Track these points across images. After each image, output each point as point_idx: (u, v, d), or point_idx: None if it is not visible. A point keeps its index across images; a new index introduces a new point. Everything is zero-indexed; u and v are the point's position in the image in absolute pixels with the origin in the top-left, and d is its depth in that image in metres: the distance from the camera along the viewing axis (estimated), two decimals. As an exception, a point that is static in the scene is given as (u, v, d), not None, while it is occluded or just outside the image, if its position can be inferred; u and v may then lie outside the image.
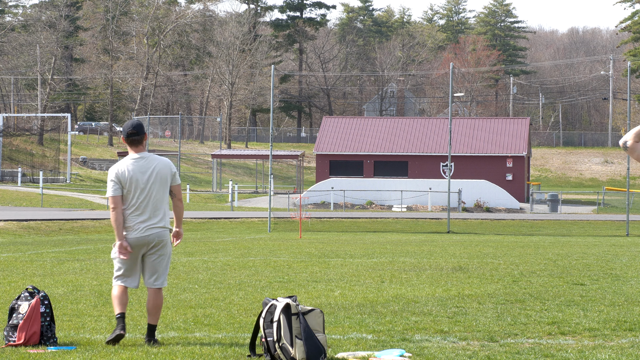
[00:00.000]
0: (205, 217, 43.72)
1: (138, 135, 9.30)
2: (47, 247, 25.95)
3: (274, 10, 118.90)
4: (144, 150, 9.38)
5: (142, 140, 9.34)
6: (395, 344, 9.34)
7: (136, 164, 9.27)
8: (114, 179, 9.22)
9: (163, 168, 9.34)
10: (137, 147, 9.33)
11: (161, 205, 9.34)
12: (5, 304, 12.12)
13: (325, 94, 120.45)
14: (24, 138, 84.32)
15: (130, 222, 9.24)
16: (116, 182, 9.22)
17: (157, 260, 9.34)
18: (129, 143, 9.33)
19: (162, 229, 9.32)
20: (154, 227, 9.27)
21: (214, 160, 71.76)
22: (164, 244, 9.34)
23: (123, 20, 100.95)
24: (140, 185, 9.22)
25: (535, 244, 29.05)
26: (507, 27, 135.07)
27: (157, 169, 9.30)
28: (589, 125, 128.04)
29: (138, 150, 9.33)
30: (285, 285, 15.00)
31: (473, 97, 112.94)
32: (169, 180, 9.38)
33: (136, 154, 9.32)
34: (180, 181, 9.59)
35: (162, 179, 9.32)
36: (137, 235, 9.22)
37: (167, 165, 9.40)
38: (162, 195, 9.34)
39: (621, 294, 13.73)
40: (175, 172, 9.49)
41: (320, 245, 27.22)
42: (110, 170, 9.31)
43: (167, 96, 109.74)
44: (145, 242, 9.25)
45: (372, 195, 56.14)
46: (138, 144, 9.33)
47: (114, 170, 9.28)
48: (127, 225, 9.24)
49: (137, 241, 9.22)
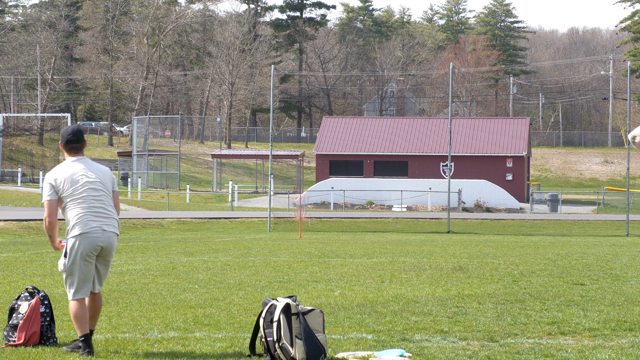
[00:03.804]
0: (205, 217, 43.71)
1: (78, 142, 8.91)
2: (47, 247, 25.95)
3: (274, 10, 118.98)
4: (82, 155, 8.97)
5: (81, 148, 8.94)
6: (395, 344, 9.34)
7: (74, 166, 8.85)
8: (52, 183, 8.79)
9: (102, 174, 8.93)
10: (76, 153, 8.92)
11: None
12: (5, 304, 12.12)
13: (325, 94, 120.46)
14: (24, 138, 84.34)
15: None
16: (52, 187, 8.77)
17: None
18: (67, 150, 8.91)
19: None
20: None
21: (214, 160, 71.76)
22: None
23: (123, 20, 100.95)
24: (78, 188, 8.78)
25: (535, 244, 29.04)
26: (507, 27, 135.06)
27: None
28: (589, 125, 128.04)
29: (77, 155, 8.92)
30: (285, 285, 15.00)
31: (473, 97, 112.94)
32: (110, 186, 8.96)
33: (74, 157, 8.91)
34: (118, 189, 9.18)
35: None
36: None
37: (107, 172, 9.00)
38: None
39: (621, 294, 13.73)
40: (114, 179, 9.10)
41: (320, 245, 27.22)
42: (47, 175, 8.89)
43: (167, 96, 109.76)
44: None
45: (372, 195, 56.13)
46: (78, 151, 8.94)
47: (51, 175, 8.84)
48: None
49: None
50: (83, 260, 8.72)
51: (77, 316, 8.74)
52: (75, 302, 8.77)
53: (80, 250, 8.70)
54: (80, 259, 8.71)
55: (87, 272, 8.76)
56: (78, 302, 8.76)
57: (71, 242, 8.71)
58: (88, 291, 8.81)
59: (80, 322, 8.73)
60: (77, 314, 8.74)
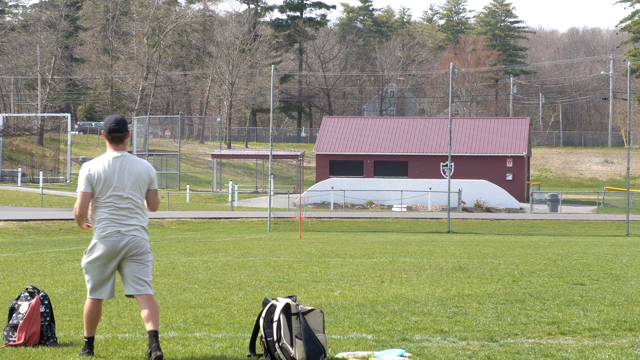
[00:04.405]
0: (205, 217, 43.71)
1: (121, 132, 8.69)
2: (47, 247, 25.95)
3: (274, 10, 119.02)
4: (124, 150, 8.79)
5: (124, 138, 8.73)
6: (395, 344, 9.34)
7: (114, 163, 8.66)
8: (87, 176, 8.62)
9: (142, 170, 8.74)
10: (117, 145, 8.72)
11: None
12: (5, 304, 12.12)
13: (325, 94, 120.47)
14: (24, 138, 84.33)
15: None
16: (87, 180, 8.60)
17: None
18: (109, 139, 8.71)
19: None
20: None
21: (214, 160, 71.76)
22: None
23: (123, 20, 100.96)
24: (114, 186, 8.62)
25: (535, 244, 29.03)
26: (507, 27, 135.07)
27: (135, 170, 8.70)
28: (589, 125, 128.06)
29: (118, 149, 8.73)
30: (285, 285, 14.99)
31: (473, 97, 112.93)
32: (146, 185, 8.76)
33: (116, 152, 8.70)
34: (157, 187, 9.00)
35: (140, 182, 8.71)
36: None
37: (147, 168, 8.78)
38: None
39: (621, 294, 13.73)
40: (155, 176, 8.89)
41: (320, 245, 27.21)
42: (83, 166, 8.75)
43: (167, 96, 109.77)
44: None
45: (372, 195, 56.13)
46: (120, 141, 8.72)
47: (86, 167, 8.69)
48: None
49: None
50: (100, 262, 8.64)
51: (86, 315, 8.72)
52: (89, 300, 8.72)
53: (98, 252, 8.62)
54: (97, 261, 8.64)
55: (103, 275, 8.65)
56: (92, 301, 8.70)
57: (92, 243, 8.69)
58: (105, 294, 8.67)
59: (88, 322, 8.68)
60: (86, 313, 8.72)
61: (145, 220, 8.76)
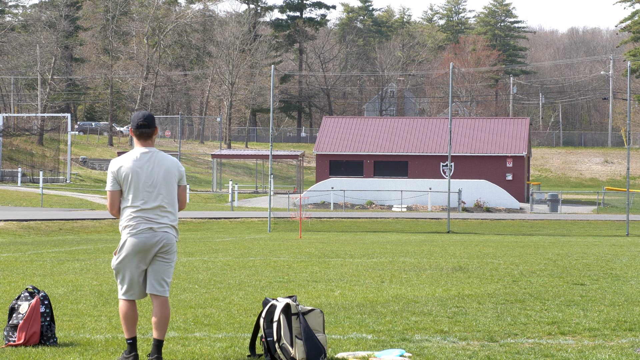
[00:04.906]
0: (205, 217, 43.71)
1: (149, 127, 8.58)
2: (47, 247, 25.95)
3: (274, 10, 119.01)
4: (152, 146, 8.67)
5: (152, 134, 8.62)
6: (395, 344, 9.34)
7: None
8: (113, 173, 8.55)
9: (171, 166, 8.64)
10: (145, 140, 8.62)
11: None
12: (5, 304, 12.12)
13: (325, 94, 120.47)
14: (24, 138, 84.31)
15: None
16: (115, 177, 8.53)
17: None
18: (137, 135, 8.60)
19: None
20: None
21: (214, 160, 71.76)
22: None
23: (123, 20, 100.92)
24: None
25: (535, 244, 29.03)
26: (507, 27, 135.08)
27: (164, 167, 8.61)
28: (589, 125, 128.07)
29: (146, 145, 8.61)
30: (285, 285, 14.99)
31: (473, 97, 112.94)
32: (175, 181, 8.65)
33: (144, 148, 8.60)
34: (186, 183, 8.90)
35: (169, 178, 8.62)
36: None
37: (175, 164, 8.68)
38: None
39: (621, 294, 13.73)
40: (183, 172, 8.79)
41: (320, 245, 27.21)
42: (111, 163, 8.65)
43: (167, 96, 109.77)
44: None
45: (372, 195, 56.13)
46: (148, 137, 8.61)
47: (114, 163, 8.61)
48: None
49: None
50: (132, 259, 8.47)
51: (124, 316, 8.53)
52: (123, 301, 8.54)
53: (130, 249, 8.44)
54: (129, 258, 8.47)
55: (136, 273, 8.48)
56: (126, 302, 8.52)
57: (122, 241, 8.51)
58: (138, 294, 8.53)
59: (127, 324, 8.52)
60: (123, 314, 8.53)
61: (176, 219, 8.63)
